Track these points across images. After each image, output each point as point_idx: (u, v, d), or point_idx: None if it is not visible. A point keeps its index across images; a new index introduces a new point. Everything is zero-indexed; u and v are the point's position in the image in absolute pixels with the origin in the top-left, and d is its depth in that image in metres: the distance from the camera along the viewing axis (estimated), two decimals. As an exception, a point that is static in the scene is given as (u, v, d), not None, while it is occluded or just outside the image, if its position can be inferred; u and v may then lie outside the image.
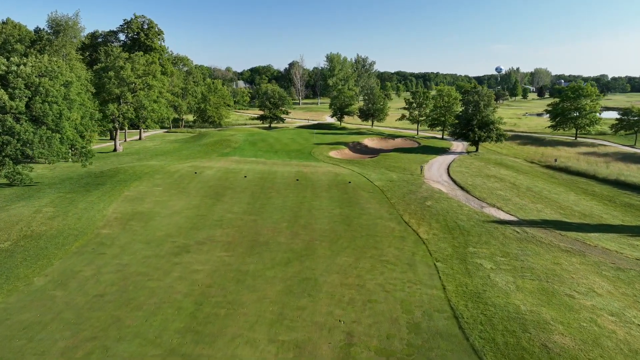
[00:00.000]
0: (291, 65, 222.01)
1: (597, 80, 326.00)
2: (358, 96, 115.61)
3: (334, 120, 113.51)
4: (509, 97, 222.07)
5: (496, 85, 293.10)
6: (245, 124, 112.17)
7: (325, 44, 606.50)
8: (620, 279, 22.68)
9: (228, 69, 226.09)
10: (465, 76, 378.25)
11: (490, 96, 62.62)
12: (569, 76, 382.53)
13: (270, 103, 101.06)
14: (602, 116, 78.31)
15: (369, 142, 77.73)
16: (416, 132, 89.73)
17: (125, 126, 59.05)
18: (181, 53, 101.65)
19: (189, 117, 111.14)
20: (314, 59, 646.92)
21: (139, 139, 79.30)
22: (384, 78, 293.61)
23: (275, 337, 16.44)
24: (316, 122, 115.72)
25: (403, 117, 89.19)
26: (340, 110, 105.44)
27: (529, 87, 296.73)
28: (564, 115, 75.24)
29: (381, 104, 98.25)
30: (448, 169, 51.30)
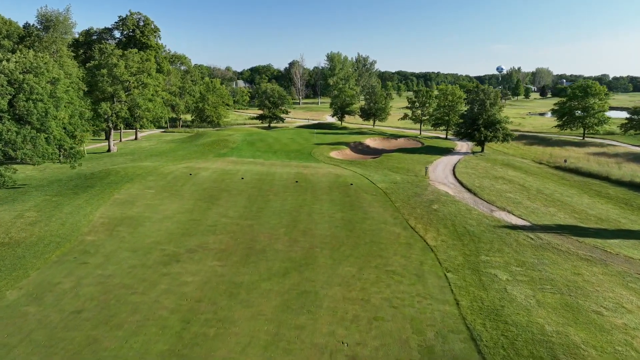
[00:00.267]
0: (291, 64, 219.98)
1: (598, 80, 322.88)
2: (359, 95, 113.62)
3: (334, 120, 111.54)
4: (511, 96, 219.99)
5: (497, 85, 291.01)
6: (245, 124, 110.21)
7: (326, 43, 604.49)
8: (649, 292, 20.74)
9: (228, 68, 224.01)
10: (466, 76, 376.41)
11: (496, 94, 60.59)
12: (571, 76, 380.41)
13: (270, 102, 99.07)
14: (609, 115, 76.03)
15: (370, 142, 75.75)
16: (419, 131, 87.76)
17: (119, 126, 57.05)
18: (181, 52, 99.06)
19: (187, 116, 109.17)
20: (314, 58, 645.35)
21: (135, 139, 77.35)
22: (384, 78, 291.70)
23: (269, 364, 14.53)
24: (316, 122, 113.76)
25: (405, 117, 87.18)
26: (341, 110, 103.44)
27: (530, 86, 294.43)
28: (572, 114, 73.14)
29: (383, 103, 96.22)
30: (454, 170, 49.36)
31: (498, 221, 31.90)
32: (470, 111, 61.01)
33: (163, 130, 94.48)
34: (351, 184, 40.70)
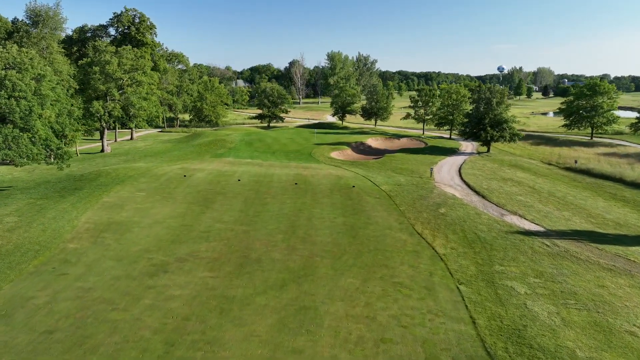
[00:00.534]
0: (291, 64, 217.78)
1: (600, 79, 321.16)
2: (360, 95, 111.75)
3: (335, 120, 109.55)
4: (513, 96, 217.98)
5: (499, 84, 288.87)
6: (244, 124, 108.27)
7: (326, 43, 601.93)
8: (684, 307, 18.79)
9: (227, 68, 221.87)
10: (467, 75, 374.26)
11: (502, 93, 58.61)
12: (572, 75, 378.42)
13: (269, 101, 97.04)
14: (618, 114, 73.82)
15: (372, 142, 73.75)
16: (422, 131, 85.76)
17: (111, 125, 55.08)
18: (179, 51, 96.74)
19: (186, 116, 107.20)
20: (314, 57, 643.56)
21: (131, 138, 75.40)
22: (385, 77, 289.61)
23: (262, 399, 12.61)
24: (317, 122, 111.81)
25: (408, 116, 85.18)
26: (342, 109, 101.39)
27: (532, 86, 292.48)
28: (579, 113, 71.07)
29: (385, 102, 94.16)
30: (460, 171, 47.41)
31: (510, 226, 29.99)
32: (476, 110, 59.00)
33: (160, 130, 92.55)
34: (353, 186, 38.80)
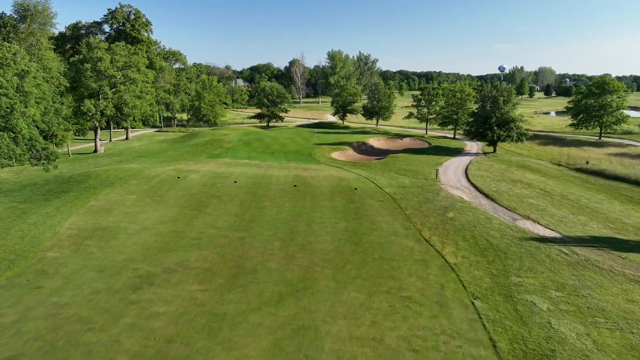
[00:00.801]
0: (291, 63, 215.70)
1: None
2: (361, 94, 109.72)
3: (336, 119, 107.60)
4: (516, 95, 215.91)
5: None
6: (243, 123, 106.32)
7: (326, 42, 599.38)
8: None
9: (227, 67, 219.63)
10: (468, 75, 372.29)
11: (510, 91, 56.63)
12: (573, 75, 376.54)
13: (268, 101, 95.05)
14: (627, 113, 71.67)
15: (374, 142, 71.75)
16: (425, 131, 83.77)
17: (103, 125, 53.16)
18: (181, 52, 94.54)
19: (184, 115, 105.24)
20: (315, 56, 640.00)
21: (126, 138, 73.47)
22: (386, 77, 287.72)
23: None
24: (317, 121, 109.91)
25: (411, 115, 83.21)
26: (343, 108, 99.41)
27: (534, 86, 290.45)
28: (588, 112, 69.07)
29: (387, 101, 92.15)
30: (466, 173, 45.46)
31: (523, 232, 28.04)
32: (481, 109, 56.98)
33: (157, 129, 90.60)
34: (355, 189, 36.88)
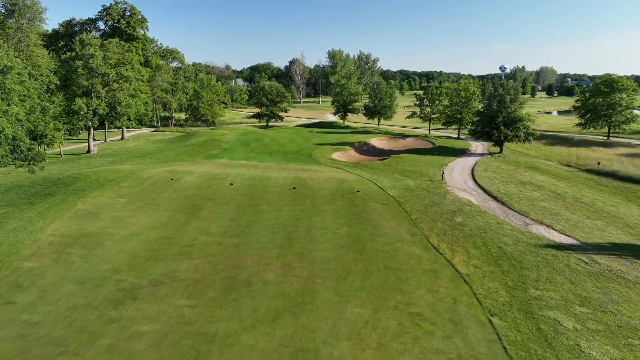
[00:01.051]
0: (292, 62, 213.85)
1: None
2: (362, 93, 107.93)
3: (336, 119, 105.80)
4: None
5: (499, 84, 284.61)
6: (241, 123, 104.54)
7: (326, 42, 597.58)
8: None
9: (227, 66, 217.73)
10: (469, 75, 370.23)
11: (517, 89, 54.80)
12: (574, 75, 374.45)
13: (268, 100, 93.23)
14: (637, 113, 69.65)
15: (376, 142, 69.92)
16: (428, 130, 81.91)
17: (95, 124, 51.34)
18: (178, 50, 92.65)
19: (182, 115, 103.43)
20: (315, 56, 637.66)
21: (121, 138, 71.68)
22: (386, 76, 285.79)
23: None
24: (317, 121, 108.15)
25: (414, 115, 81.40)
26: (344, 108, 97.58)
27: (535, 85, 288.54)
28: (596, 112, 67.24)
29: (388, 100, 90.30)
30: (472, 174, 43.66)
31: (538, 238, 26.25)
32: (488, 108, 55.16)
33: (154, 129, 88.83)
34: (357, 191, 35.10)
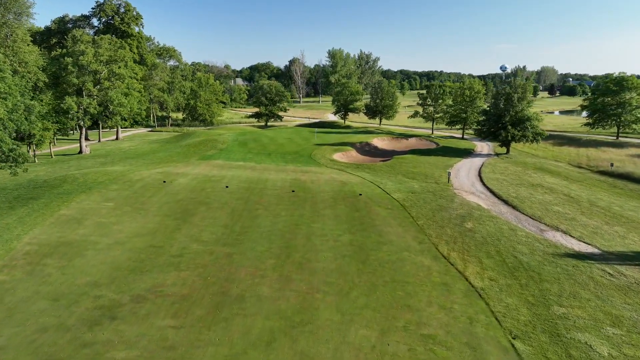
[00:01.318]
0: (291, 62, 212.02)
1: (603, 79, 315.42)
2: (362, 92, 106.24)
3: (337, 118, 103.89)
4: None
5: (501, 84, 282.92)
6: (240, 122, 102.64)
7: (326, 42, 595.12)
8: None
9: (226, 66, 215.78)
10: (469, 75, 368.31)
11: (524, 88, 52.85)
12: (575, 74, 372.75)
13: (267, 99, 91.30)
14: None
15: (378, 142, 67.97)
16: (431, 130, 79.95)
17: (87, 124, 49.34)
18: (175, 48, 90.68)
19: (179, 115, 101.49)
20: (315, 56, 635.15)
21: (116, 138, 69.75)
22: (387, 76, 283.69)
23: None
24: (317, 121, 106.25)
25: (416, 114, 79.47)
26: (345, 107, 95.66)
27: (537, 85, 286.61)
28: (605, 111, 65.37)
29: (390, 99, 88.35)
30: (480, 176, 41.75)
31: (555, 246, 24.34)
32: (494, 107, 53.22)
33: (150, 129, 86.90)
34: (360, 194, 33.20)
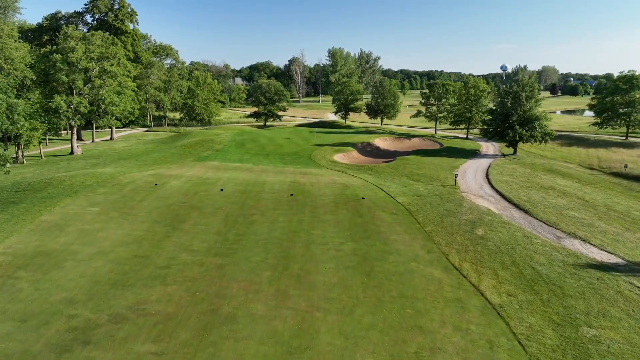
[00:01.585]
0: (291, 61, 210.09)
1: (605, 78, 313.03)
2: (363, 91, 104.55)
3: (337, 118, 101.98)
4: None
5: (502, 84, 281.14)
6: (239, 122, 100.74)
7: (326, 42, 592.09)
8: None
9: (226, 65, 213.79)
10: (470, 74, 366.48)
11: (532, 86, 50.97)
12: (576, 74, 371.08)
13: (266, 98, 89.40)
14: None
15: (380, 142, 66.04)
16: (434, 130, 78.05)
17: (77, 123, 47.42)
18: (172, 46, 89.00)
19: (176, 114, 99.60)
20: (315, 56, 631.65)
21: (110, 139, 67.84)
22: (387, 76, 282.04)
23: None
24: (317, 120, 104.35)
25: (419, 114, 77.58)
26: (345, 107, 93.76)
27: (538, 84, 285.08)
28: (614, 110, 63.55)
29: (392, 99, 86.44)
30: (487, 178, 39.86)
31: (575, 256, 22.44)
32: (501, 106, 51.32)
33: (147, 129, 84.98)
34: (362, 198, 31.32)
